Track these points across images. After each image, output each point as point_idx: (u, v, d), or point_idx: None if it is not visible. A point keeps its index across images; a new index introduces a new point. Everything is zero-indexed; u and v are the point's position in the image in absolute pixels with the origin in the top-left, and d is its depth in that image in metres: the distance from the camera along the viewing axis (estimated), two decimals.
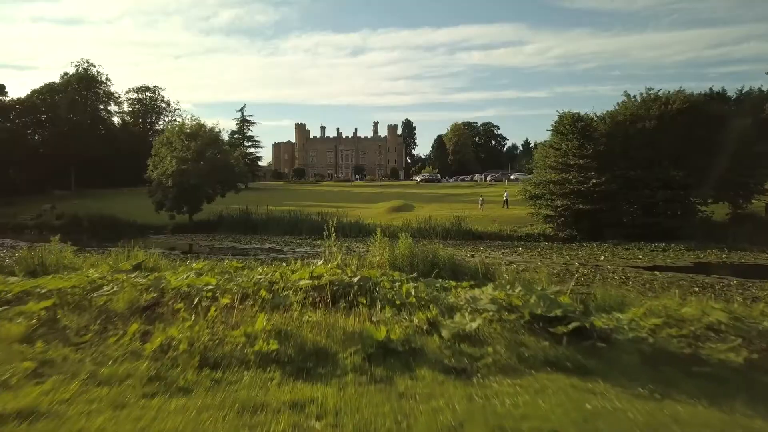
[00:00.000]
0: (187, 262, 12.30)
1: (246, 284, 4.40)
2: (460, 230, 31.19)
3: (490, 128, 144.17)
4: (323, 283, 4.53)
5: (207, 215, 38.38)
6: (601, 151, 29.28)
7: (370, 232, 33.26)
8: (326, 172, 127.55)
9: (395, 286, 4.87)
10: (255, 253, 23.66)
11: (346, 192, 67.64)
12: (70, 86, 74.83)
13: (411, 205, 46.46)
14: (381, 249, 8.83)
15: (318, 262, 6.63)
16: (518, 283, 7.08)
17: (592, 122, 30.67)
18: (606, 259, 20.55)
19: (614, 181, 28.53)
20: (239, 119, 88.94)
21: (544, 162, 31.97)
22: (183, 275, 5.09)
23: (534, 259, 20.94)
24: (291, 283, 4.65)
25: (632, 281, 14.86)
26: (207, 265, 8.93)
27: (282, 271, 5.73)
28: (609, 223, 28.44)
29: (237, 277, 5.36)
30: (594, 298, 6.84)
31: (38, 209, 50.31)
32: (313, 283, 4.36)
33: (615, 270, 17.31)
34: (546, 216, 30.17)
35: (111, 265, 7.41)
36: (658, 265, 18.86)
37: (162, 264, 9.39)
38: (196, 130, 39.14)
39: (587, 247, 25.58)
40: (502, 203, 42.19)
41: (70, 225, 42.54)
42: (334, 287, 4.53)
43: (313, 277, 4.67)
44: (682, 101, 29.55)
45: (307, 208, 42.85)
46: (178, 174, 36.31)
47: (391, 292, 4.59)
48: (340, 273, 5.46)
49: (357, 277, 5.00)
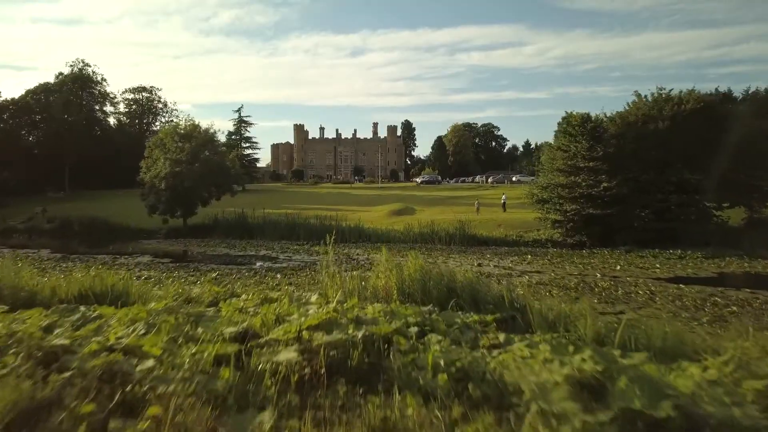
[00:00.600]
0: (163, 284, 11.06)
1: (207, 350, 3.14)
2: (464, 235, 29.96)
3: (490, 129, 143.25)
4: (315, 345, 3.29)
5: (202, 219, 37.11)
6: (612, 153, 28.04)
7: (370, 236, 32.36)
8: (325, 173, 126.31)
9: (415, 347, 3.62)
10: (249, 261, 22.38)
11: (346, 194, 66.37)
12: (64, 86, 73.57)
13: (412, 208, 45.22)
14: (387, 271, 7.59)
15: (311, 298, 5.37)
16: (561, 322, 5.84)
17: (601, 123, 29.43)
18: (622, 269, 19.30)
19: (625, 184, 27.29)
20: (236, 120, 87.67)
21: (551, 164, 30.72)
22: (121, 330, 3.82)
23: (546, 268, 19.69)
24: (273, 340, 3.42)
25: (659, 297, 13.60)
26: (175, 296, 7.70)
27: (265, 314, 4.46)
28: (620, 228, 27.21)
29: (204, 326, 4.10)
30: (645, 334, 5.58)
31: (31, 212, 49.11)
32: (299, 356, 3.09)
33: (636, 282, 16.05)
34: (554, 221, 28.92)
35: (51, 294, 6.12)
36: (680, 277, 17.61)
37: (132, 288, 8.06)
38: (191, 131, 37.87)
39: (599, 255, 24.34)
40: (500, 206, 41.00)
41: (61, 229, 41.26)
42: (330, 353, 3.30)
43: (302, 340, 3.40)
44: (696, 101, 28.31)
45: (305, 212, 41.62)
46: (171, 176, 35.06)
47: (410, 357, 3.35)
48: (338, 317, 4.21)
49: (362, 331, 3.75)
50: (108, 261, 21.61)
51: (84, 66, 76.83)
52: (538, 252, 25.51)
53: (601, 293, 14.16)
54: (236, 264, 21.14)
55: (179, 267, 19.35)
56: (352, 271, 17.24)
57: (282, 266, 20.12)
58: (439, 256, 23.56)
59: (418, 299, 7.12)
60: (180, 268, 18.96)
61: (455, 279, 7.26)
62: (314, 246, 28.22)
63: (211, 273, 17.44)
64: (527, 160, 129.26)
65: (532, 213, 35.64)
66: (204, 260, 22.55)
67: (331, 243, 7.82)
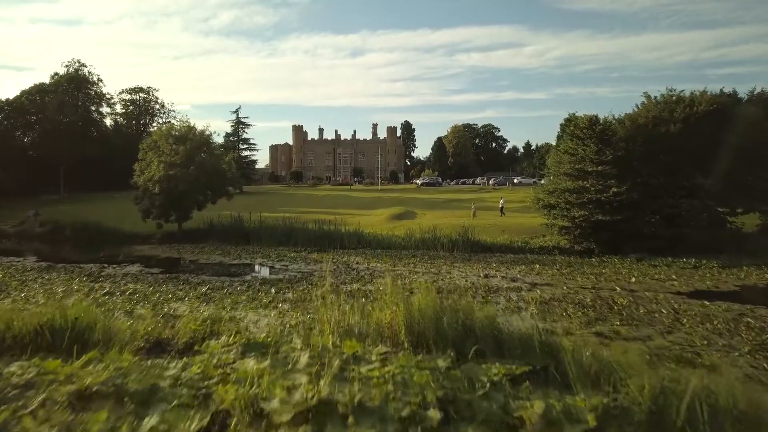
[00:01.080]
0: (146, 301, 9.94)
1: None
2: (467, 241, 28.90)
3: (490, 130, 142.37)
4: None
5: (197, 223, 36.00)
6: (621, 157, 26.99)
7: (370, 242, 31.26)
8: (324, 174, 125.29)
9: None
10: (242, 272, 21.30)
11: (344, 197, 65.30)
12: (60, 87, 72.49)
13: (413, 212, 44.16)
14: (393, 305, 6.53)
15: (302, 359, 4.30)
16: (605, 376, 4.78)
17: (610, 126, 28.39)
18: (637, 281, 18.22)
19: (635, 189, 26.25)
20: (234, 121, 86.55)
21: (558, 168, 29.67)
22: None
23: (556, 280, 18.62)
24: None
25: (686, 318, 12.51)
26: (145, 336, 6.66)
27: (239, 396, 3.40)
28: (629, 235, 26.18)
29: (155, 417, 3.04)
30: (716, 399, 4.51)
31: (23, 215, 47.97)
32: None
33: (656, 299, 14.97)
34: (561, 227, 27.86)
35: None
36: (701, 291, 16.53)
37: (97, 322, 6.96)
38: (186, 133, 36.73)
39: (609, 263, 23.31)
40: (499, 211, 39.99)
41: (53, 233, 40.12)
42: None
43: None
44: (709, 103, 27.26)
45: (303, 215, 40.58)
46: (165, 180, 33.94)
47: None
48: (333, 394, 3.19)
49: (364, 426, 2.71)
50: (95, 271, 20.50)
51: (80, 66, 75.83)
52: (546, 260, 24.47)
53: (621, 312, 13.09)
54: (229, 275, 20.03)
55: (168, 279, 18.23)
56: (351, 284, 16.11)
57: (277, 277, 19.03)
58: (442, 265, 22.52)
59: (431, 339, 6.07)
60: (169, 281, 17.85)
61: (473, 316, 6.19)
62: (311, 253, 27.17)
63: (200, 287, 16.34)
64: (528, 161, 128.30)
65: (532, 217, 34.64)
66: (196, 270, 21.44)
67: (329, 259, 6.82)
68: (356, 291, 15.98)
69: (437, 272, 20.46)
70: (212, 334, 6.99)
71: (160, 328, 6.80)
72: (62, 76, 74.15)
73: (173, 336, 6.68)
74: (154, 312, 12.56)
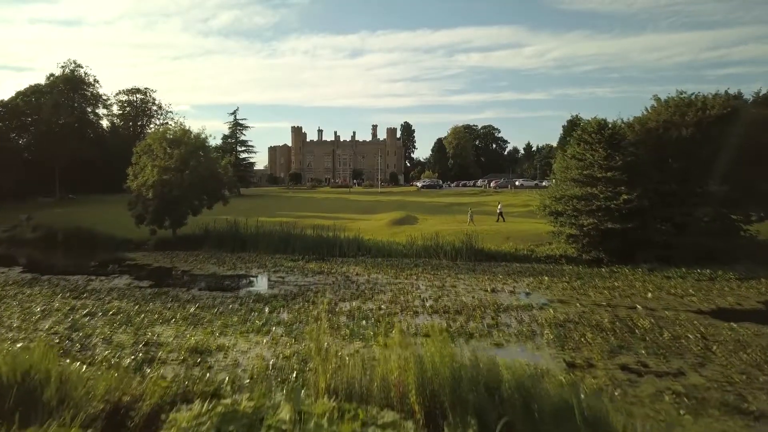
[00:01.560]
0: (128, 325, 8.92)
1: None
2: (471, 249, 27.91)
3: (490, 131, 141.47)
4: None
5: (192, 229, 34.93)
6: (631, 163, 25.96)
7: (370, 249, 30.15)
8: (323, 176, 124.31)
9: None
10: (236, 285, 20.24)
11: (344, 200, 64.27)
12: (55, 88, 71.40)
13: (413, 216, 43.12)
14: (401, 359, 5.51)
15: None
16: None
17: (619, 130, 27.35)
18: (654, 297, 17.16)
19: (646, 196, 25.21)
20: (232, 123, 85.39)
21: (564, 174, 28.61)
22: None
23: (568, 295, 17.56)
24: None
25: (715, 344, 11.44)
26: (106, 397, 5.64)
27: None
28: (640, 243, 25.16)
29: None
30: None
31: (16, 219, 46.84)
32: None
33: (678, 320, 13.90)
34: (569, 235, 26.82)
35: None
36: (724, 309, 15.44)
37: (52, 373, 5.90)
38: (180, 136, 35.69)
39: (620, 274, 22.30)
40: (496, 217, 38.89)
41: (45, 239, 39.08)
42: None
43: None
44: (722, 106, 26.22)
45: (301, 220, 39.55)
46: (159, 185, 32.92)
47: None
48: None
49: None
50: (81, 284, 19.42)
51: (76, 67, 74.76)
52: (554, 270, 23.45)
53: (644, 337, 12.03)
54: (221, 289, 18.94)
55: (156, 295, 17.11)
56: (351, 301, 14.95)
57: (272, 293, 17.97)
58: (446, 276, 21.50)
59: (447, 405, 5.05)
60: (157, 297, 16.75)
61: (498, 376, 5.16)
62: (309, 263, 26.15)
63: (189, 306, 15.25)
64: (529, 163, 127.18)
65: (536, 223, 33.62)
66: (187, 283, 20.37)
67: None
68: (356, 310, 14.96)
69: (441, 285, 19.43)
70: (185, 395, 5.95)
71: (125, 386, 5.76)
72: (58, 77, 73.11)
73: (138, 396, 5.64)
74: (135, 339, 11.57)
